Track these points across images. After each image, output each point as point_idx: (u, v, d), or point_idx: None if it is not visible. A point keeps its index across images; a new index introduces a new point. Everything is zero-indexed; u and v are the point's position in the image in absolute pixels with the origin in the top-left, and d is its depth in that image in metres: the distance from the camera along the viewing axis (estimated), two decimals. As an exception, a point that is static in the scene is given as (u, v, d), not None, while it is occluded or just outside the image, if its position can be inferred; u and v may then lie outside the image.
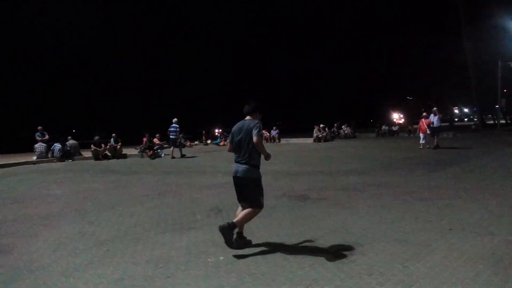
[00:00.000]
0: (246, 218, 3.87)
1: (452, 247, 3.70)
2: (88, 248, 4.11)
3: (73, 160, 15.59)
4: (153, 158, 15.40)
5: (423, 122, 15.33)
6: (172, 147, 15.44)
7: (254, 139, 3.73)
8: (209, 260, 3.63)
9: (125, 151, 17.03)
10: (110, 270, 3.45)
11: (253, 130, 3.75)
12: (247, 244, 3.97)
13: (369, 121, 52.21)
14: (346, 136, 27.03)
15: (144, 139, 16.51)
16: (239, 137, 3.88)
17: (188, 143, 22.06)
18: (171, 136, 15.26)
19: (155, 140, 17.65)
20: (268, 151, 4.01)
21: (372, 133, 29.74)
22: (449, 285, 2.88)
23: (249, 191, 3.88)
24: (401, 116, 45.60)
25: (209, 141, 25.60)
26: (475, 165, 9.69)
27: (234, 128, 4.00)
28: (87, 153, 16.44)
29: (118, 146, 16.40)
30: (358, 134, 28.60)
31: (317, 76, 57.19)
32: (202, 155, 16.64)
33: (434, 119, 14.89)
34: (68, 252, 4.02)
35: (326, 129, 25.15)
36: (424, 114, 15.97)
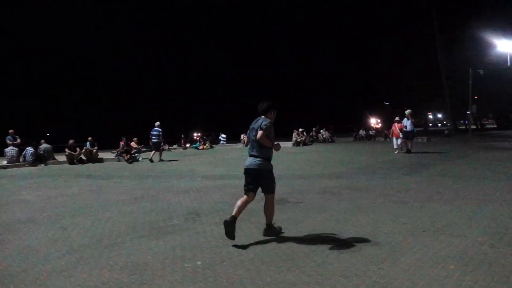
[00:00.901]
0: (271, 210, 4.37)
1: (425, 249, 3.79)
2: (61, 255, 3.98)
3: (46, 164, 15.13)
4: (130, 162, 15.14)
5: (396, 126, 15.59)
6: (153, 150, 15.22)
7: (258, 134, 4.13)
8: (186, 265, 3.59)
9: (102, 155, 16.68)
10: (83, 277, 3.35)
11: (259, 128, 4.17)
12: (279, 231, 4.47)
13: (347, 125, 53.10)
14: (325, 140, 27.42)
15: (121, 143, 16.22)
16: (252, 133, 4.30)
17: (166, 147, 21.80)
18: (153, 140, 15.07)
19: (133, 144, 17.38)
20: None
21: (350, 138, 30.29)
22: (422, 285, 2.95)
23: (264, 180, 4.29)
24: (379, 121, 46.67)
25: (188, 145, 25.36)
26: (448, 169, 10.00)
27: (251, 125, 4.40)
28: (61, 158, 16.00)
29: (94, 150, 16.04)
30: (336, 139, 29.05)
31: (296, 81, 57.78)
32: (181, 159, 16.47)
33: (407, 123, 15.08)
34: (39, 259, 3.88)
35: (305, 133, 25.41)
36: (397, 118, 16.21)
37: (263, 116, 4.37)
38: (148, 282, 3.21)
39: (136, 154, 16.28)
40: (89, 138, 16.26)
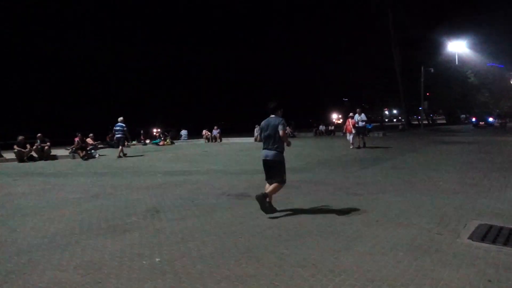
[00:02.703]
0: (274, 191, 5.07)
1: (378, 238, 3.98)
2: (8, 257, 3.76)
3: (-8, 162, 14.14)
4: (86, 159, 14.53)
5: (349, 122, 16.05)
6: (120, 146, 15.05)
7: (281, 133, 4.90)
8: (144, 262, 3.52)
9: (55, 152, 15.84)
10: (33, 279, 3.20)
11: (279, 126, 4.93)
12: (274, 211, 5.08)
13: (308, 121, 54.14)
14: (286, 136, 27.79)
15: (76, 139, 15.51)
16: (268, 131, 5.04)
17: (125, 143, 21.15)
18: (117, 135, 14.95)
19: (89, 140, 16.70)
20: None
21: (310, 133, 30.95)
22: (374, 272, 3.10)
23: (275, 170, 5.03)
24: (340, 116, 48.16)
25: (147, 141, 24.76)
26: (401, 162, 10.52)
27: (263, 124, 5.18)
28: (9, 155, 15.02)
29: (46, 147, 15.19)
30: (297, 134, 29.54)
31: (259, 77, 57.93)
32: (140, 155, 16.03)
33: (358, 118, 15.45)
34: (-16, 262, 3.65)
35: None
36: (351, 114, 16.65)
37: (273, 115, 5.11)
38: (103, 281, 3.12)
39: (93, 151, 15.65)
40: (38, 135, 15.29)
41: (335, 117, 48.78)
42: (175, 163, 12.36)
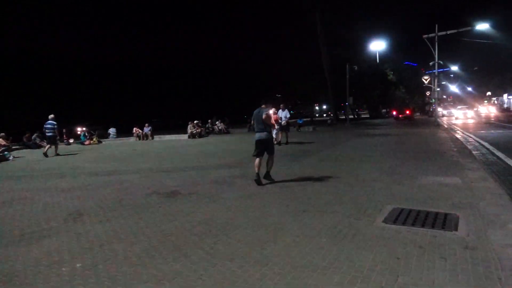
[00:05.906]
0: (271, 163, 6.94)
1: (304, 227, 4.18)
2: None
3: None
4: (-2, 162, 13.10)
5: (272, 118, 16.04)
6: (48, 144, 14.73)
7: (263, 116, 6.66)
8: (64, 269, 3.30)
9: (-41, 155, 14.04)
10: None
11: (263, 113, 6.69)
12: (273, 181, 6.90)
13: (242, 117, 54.62)
14: (220, 132, 27.80)
15: (-15, 140, 13.92)
16: (258, 117, 6.75)
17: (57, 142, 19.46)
18: (47, 133, 14.57)
19: (0, 141, 15.09)
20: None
21: (244, 129, 31.25)
22: (298, 259, 3.26)
23: (269, 146, 6.83)
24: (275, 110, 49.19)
25: (71, 141, 23.08)
26: (328, 155, 11.11)
27: (255, 112, 6.89)
28: None
29: None
30: (231, 130, 29.69)
31: (191, 74, 56.92)
32: (63, 156, 14.87)
33: (282, 114, 15.38)
34: None
35: (200, 125, 25.40)
36: (273, 109, 16.83)
37: (263, 106, 6.85)
38: (15, 293, 2.86)
39: (6, 153, 14.17)
40: None
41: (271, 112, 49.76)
42: (101, 163, 11.68)
